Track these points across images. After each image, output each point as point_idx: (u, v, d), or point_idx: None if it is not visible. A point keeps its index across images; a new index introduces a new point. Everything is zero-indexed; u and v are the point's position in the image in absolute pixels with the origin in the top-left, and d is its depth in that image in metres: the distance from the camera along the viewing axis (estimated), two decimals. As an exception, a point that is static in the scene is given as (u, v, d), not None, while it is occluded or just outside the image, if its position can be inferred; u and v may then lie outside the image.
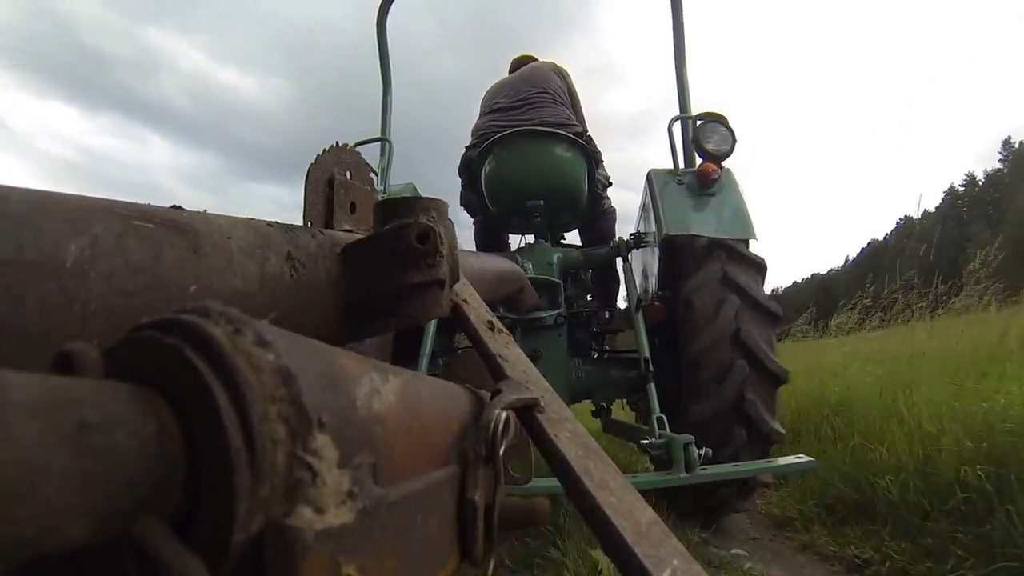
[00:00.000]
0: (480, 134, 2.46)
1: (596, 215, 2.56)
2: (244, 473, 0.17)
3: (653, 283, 2.32)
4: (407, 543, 0.24)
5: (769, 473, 1.86)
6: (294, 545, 0.17)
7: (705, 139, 2.08)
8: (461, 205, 2.67)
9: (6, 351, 0.26)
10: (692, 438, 1.50)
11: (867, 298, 4.20)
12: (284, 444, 0.18)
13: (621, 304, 2.69)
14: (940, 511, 1.74)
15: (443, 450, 0.30)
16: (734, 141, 2.08)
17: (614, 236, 2.54)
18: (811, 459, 1.65)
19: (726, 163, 2.12)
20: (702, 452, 1.51)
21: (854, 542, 1.88)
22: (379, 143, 2.75)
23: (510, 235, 2.77)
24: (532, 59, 2.85)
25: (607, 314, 2.57)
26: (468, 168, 2.52)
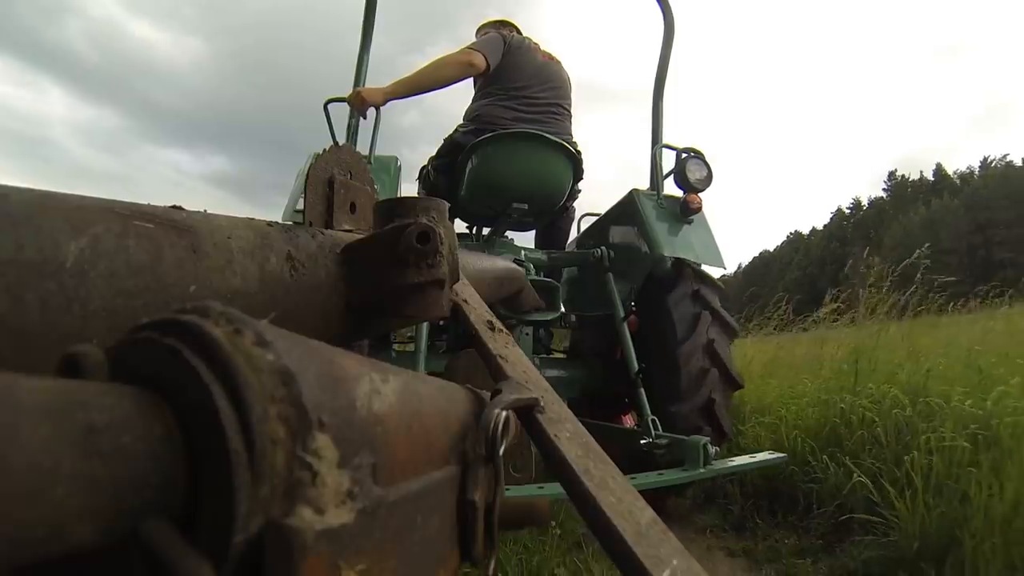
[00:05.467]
0: (484, 122, 2.28)
1: (561, 217, 2.65)
2: (244, 473, 0.17)
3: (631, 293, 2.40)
4: (407, 543, 0.24)
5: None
6: (294, 545, 0.17)
7: (689, 172, 2.32)
8: (422, 186, 2.52)
9: (6, 351, 0.26)
10: (708, 439, 1.69)
11: (782, 309, 4.71)
12: (284, 444, 0.18)
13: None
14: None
15: (443, 450, 0.30)
16: (711, 175, 2.36)
17: (569, 235, 2.81)
18: (783, 455, 1.90)
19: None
20: (714, 450, 1.70)
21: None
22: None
23: (479, 228, 2.66)
24: (511, 25, 2.66)
25: (572, 316, 2.58)
26: (454, 151, 2.33)
